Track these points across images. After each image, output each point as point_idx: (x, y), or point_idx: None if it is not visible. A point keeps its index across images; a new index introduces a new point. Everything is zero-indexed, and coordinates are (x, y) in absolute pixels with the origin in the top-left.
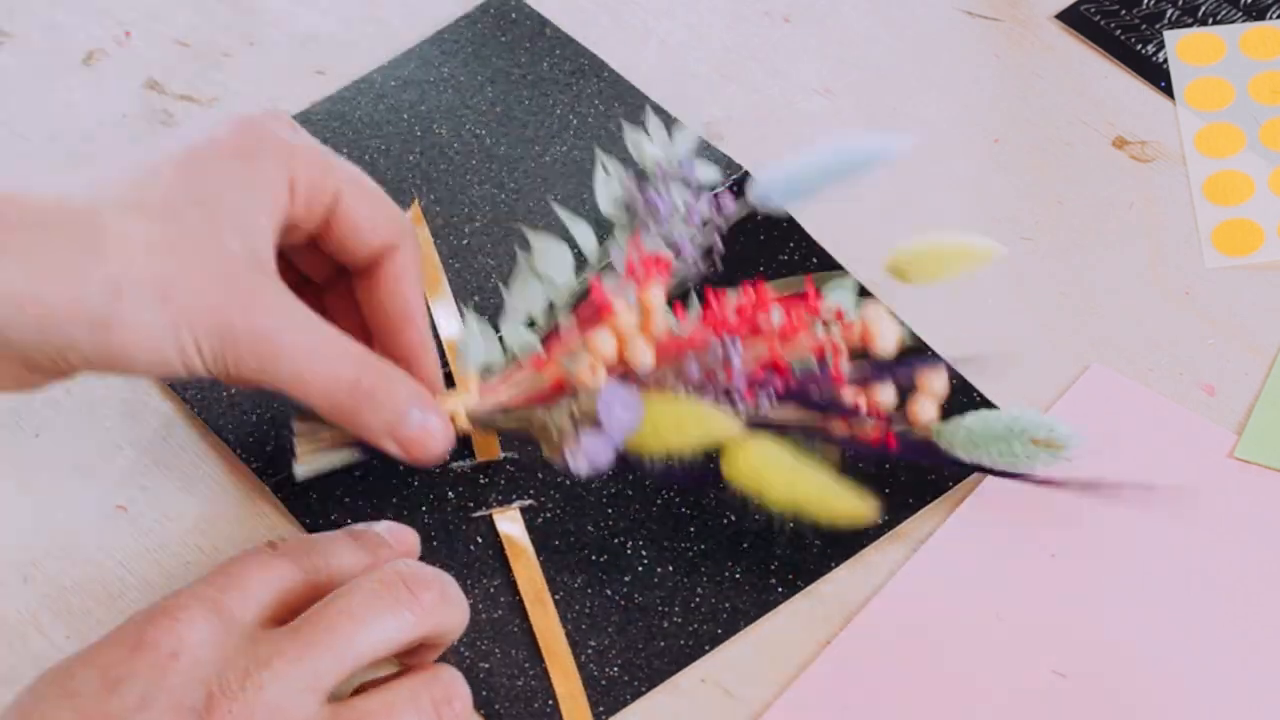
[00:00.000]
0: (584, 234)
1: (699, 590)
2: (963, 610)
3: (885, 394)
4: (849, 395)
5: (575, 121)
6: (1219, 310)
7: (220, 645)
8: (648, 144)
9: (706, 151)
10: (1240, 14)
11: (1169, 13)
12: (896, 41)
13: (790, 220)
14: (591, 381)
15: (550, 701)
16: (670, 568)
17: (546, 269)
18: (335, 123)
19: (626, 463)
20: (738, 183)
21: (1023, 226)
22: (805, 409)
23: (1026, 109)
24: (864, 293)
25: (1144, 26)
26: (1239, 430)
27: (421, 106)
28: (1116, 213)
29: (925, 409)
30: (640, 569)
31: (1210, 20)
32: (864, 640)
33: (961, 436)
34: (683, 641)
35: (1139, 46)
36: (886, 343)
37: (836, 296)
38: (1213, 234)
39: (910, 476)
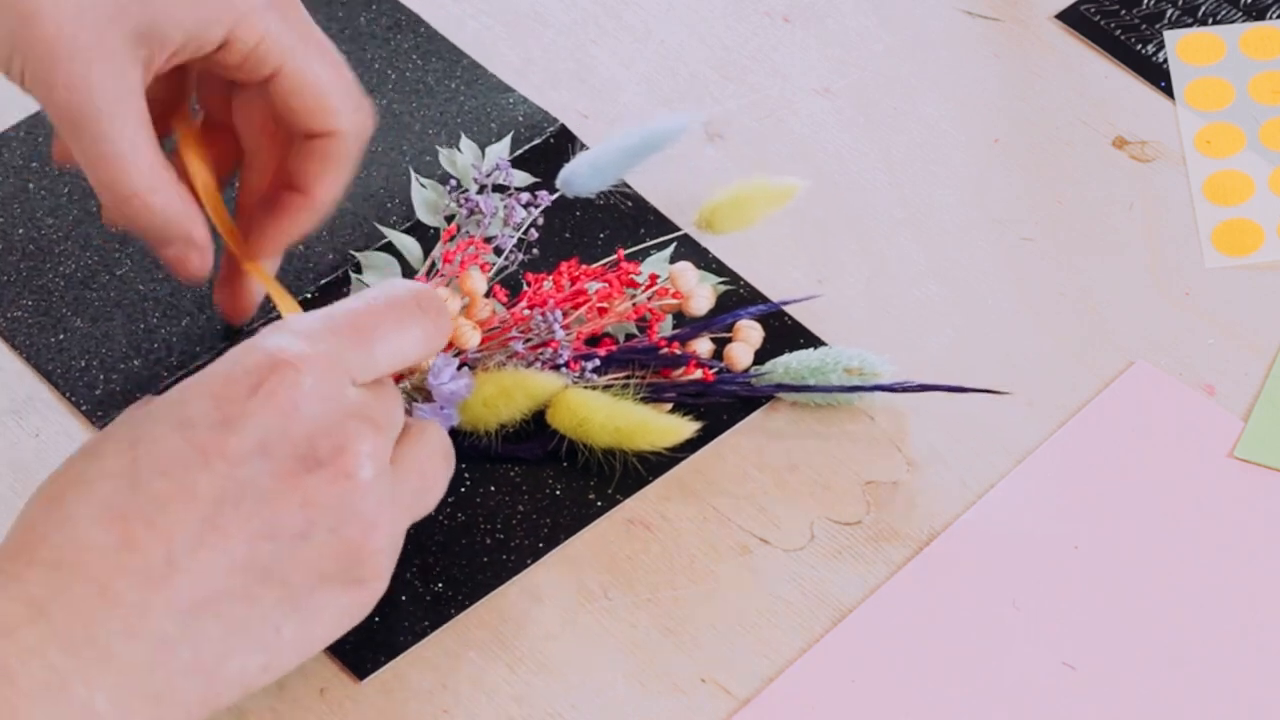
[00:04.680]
0: (409, 245)
1: (520, 508)
2: (975, 601)
3: (702, 346)
4: (669, 353)
5: (394, 76)
6: (1219, 310)
7: (329, 403)
8: (460, 157)
9: (518, 157)
10: (1240, 14)
11: (1169, 13)
12: (896, 41)
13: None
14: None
15: None
16: (492, 488)
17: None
18: None
19: (460, 434)
20: (555, 136)
21: (1023, 226)
22: (628, 370)
23: (1026, 109)
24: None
25: (1144, 26)
26: (1238, 430)
27: None
28: (1116, 213)
29: (741, 355)
30: (463, 490)
31: (1210, 20)
32: (863, 633)
33: (780, 373)
34: (504, 557)
35: (1139, 46)
36: (700, 302)
37: (651, 264)
38: (1213, 234)
39: (727, 404)
